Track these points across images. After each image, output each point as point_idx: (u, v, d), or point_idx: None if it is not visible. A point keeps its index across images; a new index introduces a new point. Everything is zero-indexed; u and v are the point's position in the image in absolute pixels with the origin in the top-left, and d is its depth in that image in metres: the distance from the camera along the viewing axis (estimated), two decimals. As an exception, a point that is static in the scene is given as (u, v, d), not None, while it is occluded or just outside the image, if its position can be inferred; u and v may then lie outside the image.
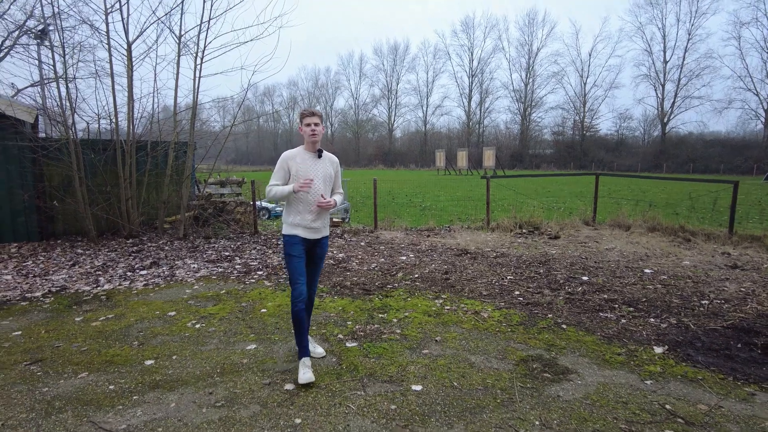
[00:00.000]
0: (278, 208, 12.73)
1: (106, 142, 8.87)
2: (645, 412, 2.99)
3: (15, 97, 11.47)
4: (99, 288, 5.93)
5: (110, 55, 8.34)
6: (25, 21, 25.96)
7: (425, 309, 5.00)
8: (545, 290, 5.69)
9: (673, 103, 57.30)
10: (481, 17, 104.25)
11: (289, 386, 3.35)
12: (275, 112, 77.79)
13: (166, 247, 8.19)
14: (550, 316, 4.81)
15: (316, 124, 3.46)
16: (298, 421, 2.92)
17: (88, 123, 8.91)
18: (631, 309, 4.99)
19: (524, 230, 9.80)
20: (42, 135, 9.06)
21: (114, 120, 8.67)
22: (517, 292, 5.60)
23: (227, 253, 7.81)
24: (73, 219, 9.18)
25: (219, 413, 3.01)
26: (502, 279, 6.18)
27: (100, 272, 6.65)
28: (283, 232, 3.58)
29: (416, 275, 6.39)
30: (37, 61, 12.82)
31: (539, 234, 9.48)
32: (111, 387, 3.39)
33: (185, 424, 2.90)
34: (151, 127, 9.43)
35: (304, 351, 3.46)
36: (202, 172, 11.19)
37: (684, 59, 55.38)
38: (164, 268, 6.82)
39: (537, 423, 2.87)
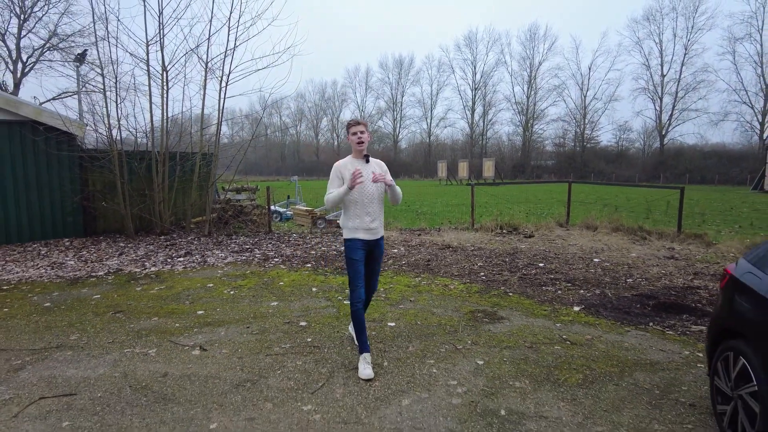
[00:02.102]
0: (288, 213, 14.17)
1: (144, 152, 10.38)
2: (546, 339, 4.38)
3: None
4: (147, 270, 7.38)
5: (149, 79, 9.90)
6: (49, 38, 27.81)
7: (406, 283, 6.41)
8: (505, 272, 7.09)
9: (671, 115, 58.60)
10: (484, 32, 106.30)
11: (303, 323, 4.78)
12: (284, 125, 79.67)
13: (195, 242, 9.66)
14: (502, 288, 6.21)
15: (362, 132, 3.68)
16: (309, 339, 4.34)
17: (135, 137, 10.39)
18: (569, 284, 6.38)
19: (504, 230, 11.18)
20: (89, 146, 10.58)
21: (151, 134, 10.17)
22: (482, 273, 7.00)
23: (247, 246, 9.26)
24: (113, 218, 10.67)
25: (255, 336, 4.44)
26: (473, 265, 7.58)
27: (144, 259, 8.11)
28: (344, 237, 3.76)
29: (403, 262, 7.80)
30: (74, 78, 14.44)
31: (516, 233, 10.85)
32: (177, 325, 4.83)
33: (233, 341, 4.33)
34: (181, 139, 10.95)
35: (364, 347, 3.66)
36: (221, 181, 12.69)
37: (681, 73, 56.76)
38: (197, 257, 8.28)
39: (469, 342, 4.27)
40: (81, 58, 14.62)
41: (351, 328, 3.98)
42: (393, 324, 4.75)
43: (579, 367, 3.76)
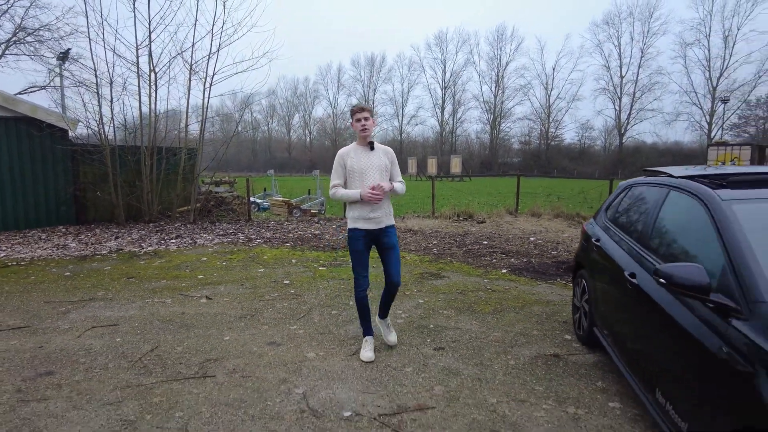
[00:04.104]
0: (265, 204, 15.26)
1: (134, 147, 11.34)
2: (474, 288, 5.74)
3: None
4: (145, 249, 8.45)
5: (138, 80, 10.87)
6: (15, 32, 27.84)
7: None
8: (454, 248, 8.46)
9: (629, 114, 61.64)
10: (454, 32, 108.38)
11: (286, 281, 6.01)
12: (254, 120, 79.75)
13: (183, 228, 10.71)
14: (449, 258, 7.57)
15: (366, 119, 3.50)
16: (292, 291, 5.59)
17: (125, 133, 11.32)
18: (503, 255, 7.79)
19: (460, 218, 12.59)
20: (80, 141, 11.45)
21: (140, 131, 11.14)
22: (434, 249, 8.35)
23: (231, 231, 10.38)
24: (102, 208, 11.58)
25: (249, 290, 5.65)
26: (429, 243, 8.93)
27: (140, 241, 9.15)
28: (348, 227, 3.69)
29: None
30: (43, 73, 15.15)
31: (470, 220, 12.28)
32: (183, 284, 5.99)
33: (232, 293, 5.53)
34: (166, 136, 11.94)
35: (367, 330, 3.78)
36: (202, 175, 13.68)
37: (638, 75, 59.80)
38: (187, 239, 9.37)
39: (415, 290, 5.59)
40: (64, 56, 15.33)
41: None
42: (357, 281, 6.04)
43: (493, 303, 5.13)
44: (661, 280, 2.17)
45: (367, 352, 3.69)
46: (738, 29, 49.98)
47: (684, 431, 2.11)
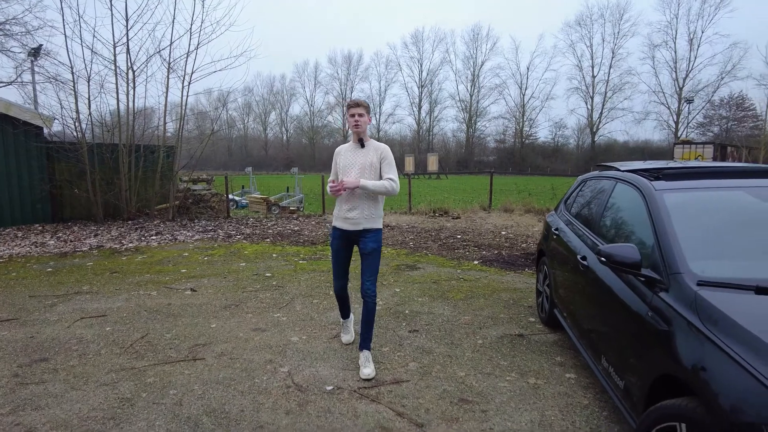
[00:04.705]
0: (244, 201, 15.36)
1: (112, 145, 11.33)
2: (447, 278, 6.08)
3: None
4: (125, 246, 8.54)
5: (116, 77, 10.88)
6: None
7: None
8: (429, 242, 8.80)
9: (601, 113, 63.21)
10: (430, 31, 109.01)
11: (268, 274, 6.24)
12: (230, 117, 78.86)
13: (162, 225, 10.79)
14: (424, 251, 7.90)
15: (360, 115, 3.37)
16: (274, 283, 5.83)
17: (102, 130, 11.31)
18: (476, 248, 8.16)
19: (436, 213, 12.96)
20: (56, 138, 11.39)
21: (118, 128, 11.16)
22: (410, 243, 8.67)
23: (210, 228, 10.51)
24: (79, 206, 11.54)
25: (232, 283, 5.87)
26: (405, 237, 9.25)
27: (120, 238, 9.22)
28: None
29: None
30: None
31: (446, 216, 12.65)
32: (167, 278, 6.16)
33: (215, 286, 5.74)
34: (144, 133, 11.96)
35: (345, 314, 3.96)
36: (180, 173, 13.72)
37: (609, 75, 61.32)
38: (167, 236, 9.47)
39: (392, 280, 5.89)
40: (36, 52, 15.10)
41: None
42: (337, 272, 6.32)
43: (464, 291, 5.47)
44: (603, 259, 2.52)
45: (345, 335, 3.94)
46: (702, 32, 51.84)
47: (622, 388, 2.46)
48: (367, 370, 3.38)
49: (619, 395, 2.51)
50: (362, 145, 3.49)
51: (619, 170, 3.43)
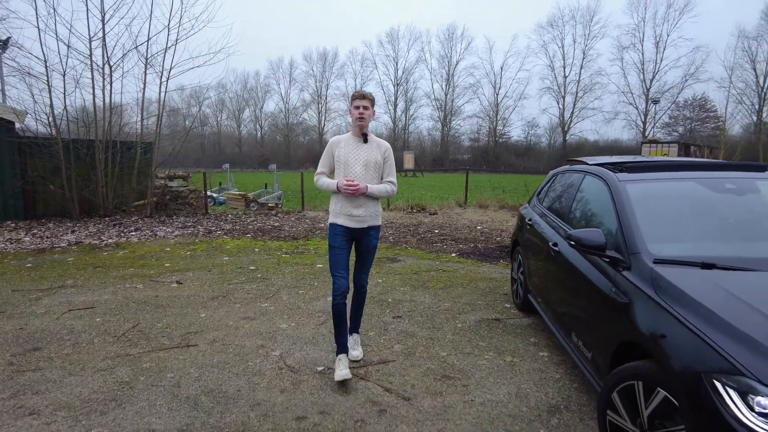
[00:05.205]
0: (221, 198, 15.32)
1: (88, 141, 11.19)
2: (426, 269, 6.33)
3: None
4: (105, 242, 8.51)
5: (92, 72, 10.76)
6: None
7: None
8: (408, 236, 9.04)
9: (572, 113, 64.73)
10: (405, 29, 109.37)
11: (252, 267, 6.38)
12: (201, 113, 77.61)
13: (140, 222, 10.74)
14: (404, 245, 8.14)
15: (365, 108, 3.24)
16: (258, 275, 5.97)
17: (78, 126, 11.16)
18: (453, 242, 8.44)
19: (414, 210, 13.23)
20: (30, 134, 11.19)
21: (95, 124, 11.04)
22: (390, 237, 8.90)
23: (190, 224, 10.52)
24: (53, 202, 11.35)
25: (217, 276, 5.98)
26: (385, 232, 9.47)
27: (98, 234, 9.17)
28: (328, 221, 3.43)
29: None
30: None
31: (423, 212, 12.94)
32: (151, 272, 6.23)
33: (201, 278, 5.85)
34: (121, 129, 11.85)
35: (341, 348, 3.30)
36: (157, 170, 13.62)
37: (580, 75, 62.83)
38: (147, 232, 9.46)
39: (374, 272, 6.11)
40: (4, 45, 14.73)
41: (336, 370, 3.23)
42: (321, 266, 6.49)
43: (443, 281, 5.73)
44: (572, 243, 2.79)
45: (342, 371, 3.15)
46: (667, 36, 53.64)
47: (589, 359, 2.74)
48: (356, 352, 3.55)
49: (588, 366, 2.79)
50: (365, 140, 3.32)
51: (587, 164, 3.72)
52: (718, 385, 1.70)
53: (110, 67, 10.83)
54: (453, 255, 7.35)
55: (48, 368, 3.43)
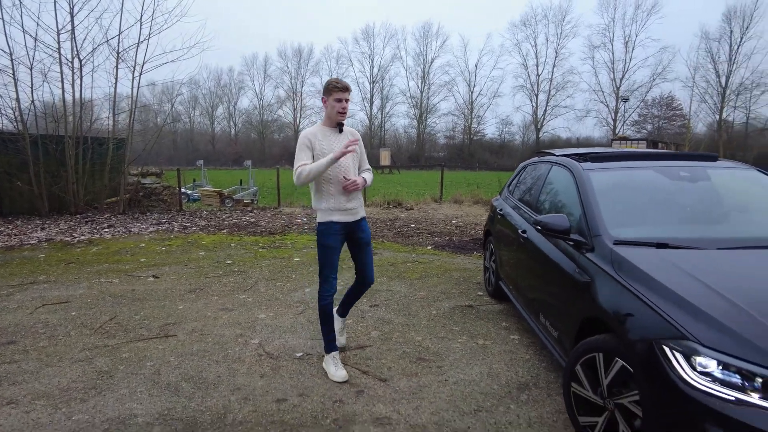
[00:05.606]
0: (195, 194, 15.16)
1: (58, 137, 10.93)
2: (403, 261, 6.45)
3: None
4: (77, 238, 8.37)
5: (60, 66, 10.53)
6: None
7: (307, 239, 8.21)
8: (385, 230, 9.16)
9: (545, 111, 65.91)
10: (381, 27, 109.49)
11: (229, 261, 6.39)
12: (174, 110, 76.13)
13: (113, 219, 10.57)
14: (381, 239, 8.25)
15: (347, 101, 3.13)
16: (235, 269, 6.00)
17: (46, 121, 10.89)
18: (429, 235, 8.60)
19: (390, 205, 13.35)
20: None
21: (64, 119, 10.80)
22: (367, 231, 8.99)
23: (164, 220, 10.41)
24: (20, 200, 11.05)
25: (194, 270, 5.98)
26: (361, 227, 9.57)
27: (70, 231, 9.00)
28: (318, 221, 3.24)
29: (305, 228, 9.57)
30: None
31: (400, 207, 13.07)
32: (126, 267, 6.19)
33: (177, 273, 5.85)
34: (92, 125, 11.62)
35: (330, 345, 3.25)
36: (129, 167, 13.39)
37: (552, 74, 64.01)
38: (120, 228, 9.33)
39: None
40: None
41: (325, 364, 3.26)
42: (298, 259, 6.56)
43: (419, 272, 5.86)
44: (539, 228, 2.94)
45: (339, 371, 3.12)
46: (636, 36, 55.17)
47: (556, 337, 2.90)
48: (342, 339, 3.59)
49: (554, 344, 2.95)
50: (340, 130, 3.21)
51: (554, 155, 3.90)
52: (667, 349, 1.86)
53: (80, 60, 10.62)
54: (429, 248, 7.50)
55: (24, 360, 3.42)
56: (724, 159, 3.56)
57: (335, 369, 3.15)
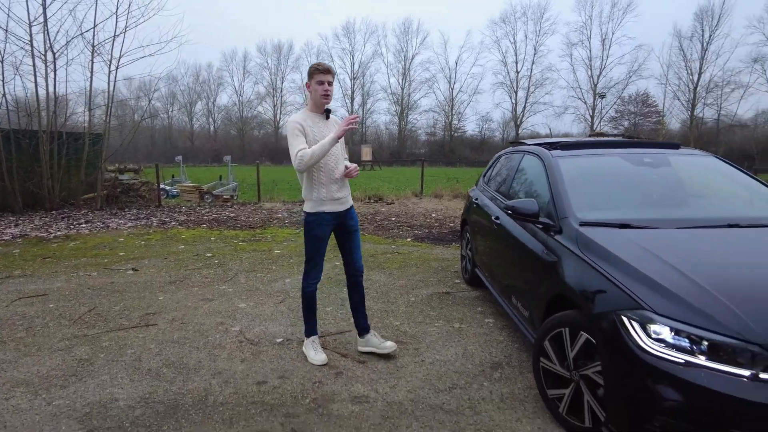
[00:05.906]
0: (174, 190, 15.00)
1: (31, 131, 10.72)
2: (383, 252, 6.54)
3: None
4: (53, 234, 8.25)
5: (33, 59, 10.32)
6: None
7: (288, 232, 8.24)
8: (366, 224, 9.24)
9: (524, 107, 66.60)
10: (362, 23, 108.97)
11: (209, 254, 6.40)
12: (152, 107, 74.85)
13: (91, 215, 10.42)
14: (362, 232, 8.32)
15: (330, 83, 3.06)
16: (216, 261, 6.01)
17: (18, 115, 10.66)
18: (409, 228, 8.71)
19: (371, 199, 13.43)
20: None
21: (37, 113, 10.59)
22: (347, 225, 9.06)
23: (143, 216, 10.31)
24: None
25: (173, 263, 5.98)
26: (342, 220, 9.63)
27: (46, 227, 8.86)
28: (306, 211, 3.18)
29: (286, 222, 9.59)
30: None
31: (381, 202, 13.16)
32: (105, 260, 6.15)
33: (157, 265, 5.84)
34: (66, 120, 11.42)
35: (311, 330, 3.30)
36: (106, 163, 13.20)
37: (531, 71, 64.66)
38: (98, 224, 9.23)
39: (332, 257, 6.27)
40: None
41: (305, 348, 3.31)
42: (279, 251, 6.60)
43: (398, 262, 5.96)
44: (509, 212, 3.06)
45: (319, 354, 3.19)
46: (612, 34, 56.03)
47: (527, 317, 3.02)
48: (388, 343, 3.32)
49: (526, 324, 3.08)
50: (327, 117, 3.19)
51: (527, 144, 4.03)
52: (625, 319, 1.99)
53: (53, 54, 10.43)
54: (408, 240, 7.60)
55: (1, 350, 3.41)
56: (686, 147, 3.73)
57: (315, 353, 3.22)
